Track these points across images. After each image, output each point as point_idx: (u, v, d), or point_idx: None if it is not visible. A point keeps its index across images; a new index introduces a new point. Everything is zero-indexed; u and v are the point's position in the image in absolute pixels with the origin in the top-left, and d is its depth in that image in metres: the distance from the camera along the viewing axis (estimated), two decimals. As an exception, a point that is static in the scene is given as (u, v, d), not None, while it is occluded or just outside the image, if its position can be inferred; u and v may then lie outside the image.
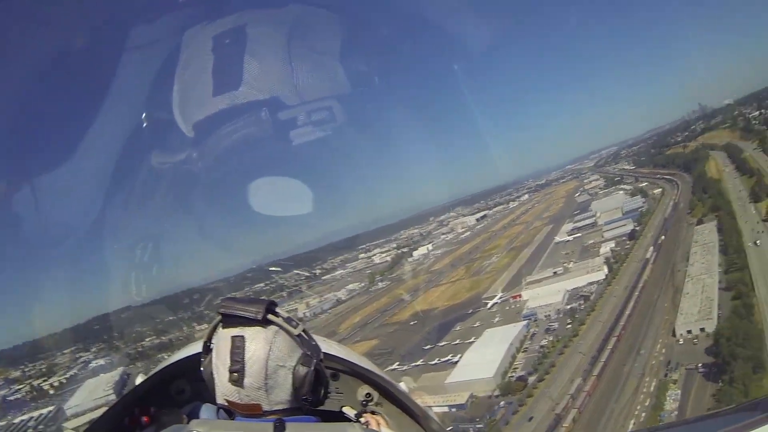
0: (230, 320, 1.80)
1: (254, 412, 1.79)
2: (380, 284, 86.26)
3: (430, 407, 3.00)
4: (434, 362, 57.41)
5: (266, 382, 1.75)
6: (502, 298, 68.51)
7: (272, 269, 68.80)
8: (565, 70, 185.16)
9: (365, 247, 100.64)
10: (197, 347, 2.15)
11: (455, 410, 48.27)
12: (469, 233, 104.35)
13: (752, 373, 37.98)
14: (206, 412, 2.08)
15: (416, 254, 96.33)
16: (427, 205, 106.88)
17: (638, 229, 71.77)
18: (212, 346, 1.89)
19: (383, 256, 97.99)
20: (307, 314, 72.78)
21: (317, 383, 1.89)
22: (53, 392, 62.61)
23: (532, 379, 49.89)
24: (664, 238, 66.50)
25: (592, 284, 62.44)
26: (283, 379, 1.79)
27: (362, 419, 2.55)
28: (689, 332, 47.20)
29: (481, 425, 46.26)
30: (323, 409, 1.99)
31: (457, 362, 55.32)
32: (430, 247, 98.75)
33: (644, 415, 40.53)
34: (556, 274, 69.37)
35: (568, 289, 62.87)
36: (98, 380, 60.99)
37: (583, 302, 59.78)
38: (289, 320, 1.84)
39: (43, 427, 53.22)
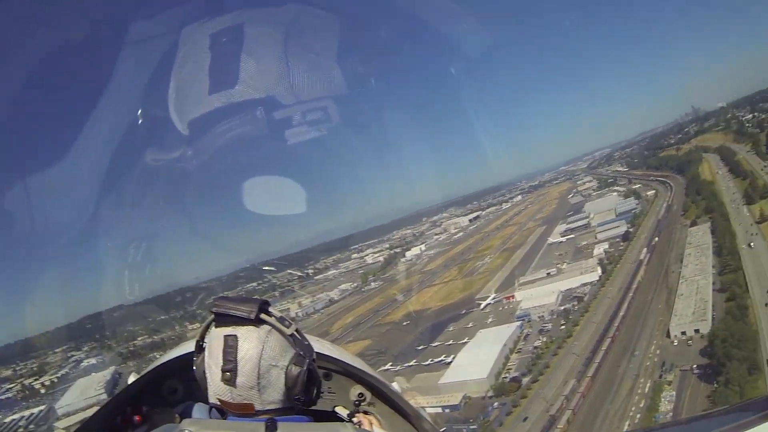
0: (223, 319, 1.77)
1: (247, 411, 1.76)
2: (373, 284, 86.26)
3: (423, 408, 3.03)
4: (427, 363, 57.18)
5: (259, 381, 1.73)
6: (495, 298, 68.45)
7: (266, 269, 68.91)
8: (558, 71, 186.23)
9: (358, 247, 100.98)
10: (190, 346, 2.15)
11: (449, 411, 48.12)
12: (461, 234, 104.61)
13: (747, 374, 38.14)
14: (198, 411, 2.13)
15: (409, 254, 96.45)
16: (420, 205, 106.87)
17: (632, 230, 72.10)
18: (205, 345, 1.85)
19: (376, 256, 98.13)
20: (299, 314, 72.58)
21: (310, 383, 1.86)
22: (44, 391, 62.44)
23: (525, 380, 49.81)
24: (657, 239, 66.74)
25: (585, 285, 62.51)
26: (275, 378, 1.77)
27: (355, 419, 2.57)
28: (683, 333, 47.29)
29: (474, 426, 46.13)
30: (316, 408, 1.98)
31: (450, 363, 55.15)
32: (423, 247, 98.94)
33: (639, 416, 40.51)
34: (549, 275, 69.36)
35: (561, 290, 62.89)
36: (90, 379, 60.96)
37: (576, 303, 59.82)
38: (281, 320, 1.81)
39: (33, 426, 53.04)
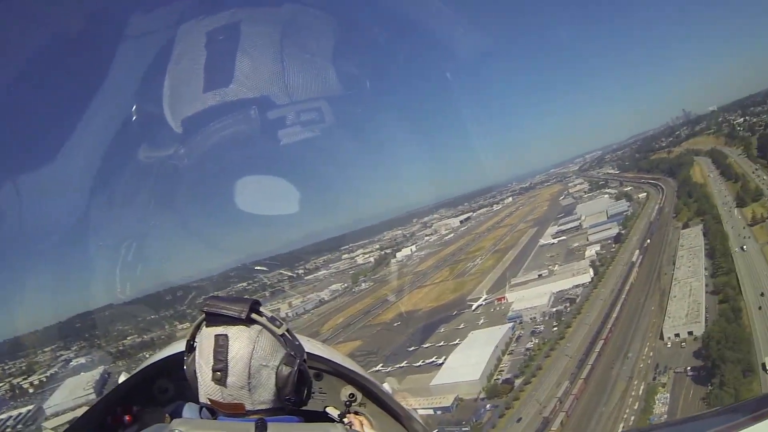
0: (214, 319, 1.75)
1: (237, 411, 1.75)
2: (363, 285, 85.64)
3: (415, 409, 3.04)
4: (418, 364, 56.62)
5: (249, 381, 1.72)
6: (486, 300, 68.06)
7: (257, 268, 68.14)
8: (549, 74, 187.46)
9: (348, 247, 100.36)
10: (180, 346, 2.11)
11: (440, 413, 47.58)
12: (452, 235, 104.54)
13: (742, 376, 38.12)
14: (189, 411, 2.10)
15: (399, 255, 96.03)
16: (410, 206, 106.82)
17: (623, 232, 72.24)
18: (196, 344, 1.82)
19: (366, 256, 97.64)
20: (289, 314, 71.79)
21: (300, 383, 1.83)
22: (33, 391, 62.09)
23: (518, 381, 49.40)
24: (649, 241, 66.86)
25: (577, 287, 62.36)
26: (266, 378, 1.75)
27: (345, 419, 2.48)
28: (677, 335, 47.20)
29: (467, 428, 45.63)
30: (307, 409, 1.94)
31: (441, 364, 54.64)
32: (413, 248, 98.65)
33: (633, 418, 40.23)
34: (541, 276, 69.20)
35: (553, 291, 62.74)
36: (79, 379, 60.31)
37: (569, 305, 59.66)
38: (272, 320, 1.79)
39: (22, 426, 52.51)
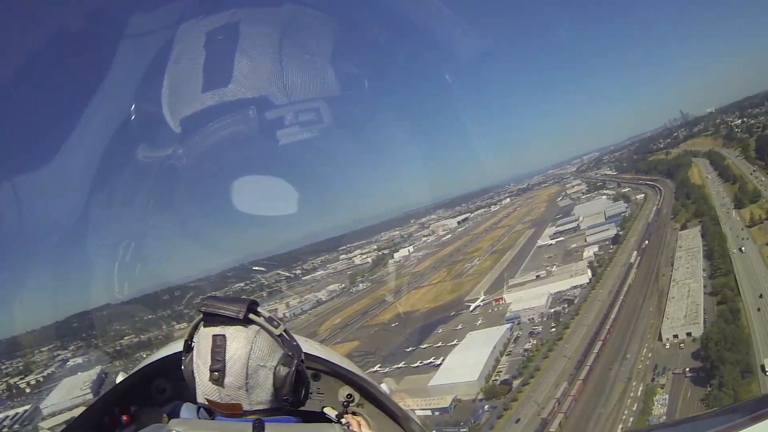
0: (212, 319, 1.74)
1: (234, 411, 1.74)
2: (361, 285, 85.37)
3: (412, 410, 3.01)
4: (416, 365, 56.39)
5: (247, 381, 1.71)
6: (484, 300, 67.93)
7: (256, 269, 67.98)
8: (547, 75, 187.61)
9: (346, 248, 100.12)
10: (178, 346, 2.12)
11: (438, 413, 47.34)
12: (450, 236, 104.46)
13: (741, 377, 37.97)
14: (187, 411, 2.06)
15: (397, 256, 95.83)
16: (407, 207, 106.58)
17: (621, 233, 72.18)
18: (194, 344, 1.81)
19: (364, 257, 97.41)
20: (287, 314, 71.61)
21: (298, 384, 1.82)
22: (30, 391, 61.92)
23: (516, 382, 49.21)
24: (647, 242, 66.80)
25: (575, 288, 62.28)
26: (263, 379, 1.74)
27: (343, 420, 2.45)
28: (676, 337, 47.11)
29: (465, 429, 45.31)
30: (304, 409, 1.94)
31: (439, 365, 54.45)
32: (411, 249, 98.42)
33: (632, 419, 40.08)
34: (539, 277, 69.11)
35: (551, 292, 62.58)
36: (76, 379, 60.06)
37: (567, 306, 59.53)
38: (270, 320, 1.78)
39: (18, 426, 52.29)
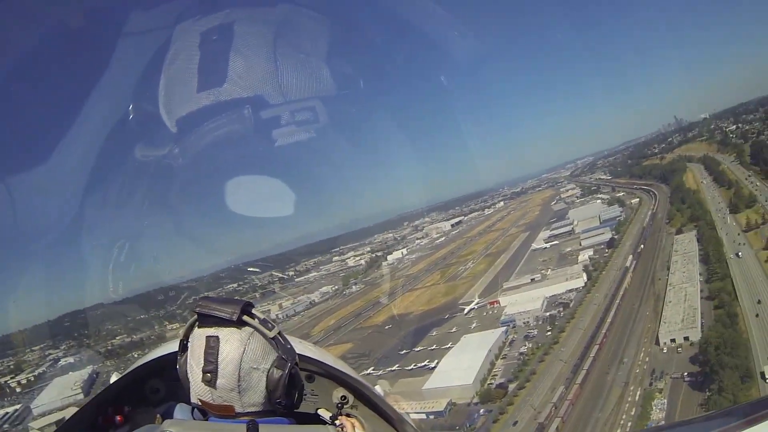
0: (206, 320, 1.75)
1: (227, 413, 1.75)
2: (354, 287, 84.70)
3: (407, 413, 3.15)
4: (410, 367, 55.80)
5: (239, 383, 1.71)
6: (479, 303, 67.52)
7: (250, 269, 67.29)
8: (541, 79, 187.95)
9: (339, 250, 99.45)
10: (172, 346, 2.12)
11: (433, 417, 46.72)
12: (444, 239, 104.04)
13: (740, 382, 37.75)
14: (181, 412, 2.08)
15: (391, 258, 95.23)
16: (401, 209, 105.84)
17: (616, 237, 72.08)
18: (188, 345, 1.82)
19: (357, 259, 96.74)
20: (279, 316, 70.84)
21: (291, 387, 1.82)
22: (20, 390, 61.19)
23: (512, 386, 48.69)
24: (643, 246, 66.66)
25: (571, 291, 62.00)
26: (256, 381, 1.74)
27: (337, 422, 2.41)
28: (673, 341, 46.90)
29: (460, 433, 44.69)
30: (298, 410, 1.94)
31: (434, 368, 53.93)
32: (404, 251, 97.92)
33: (630, 424, 39.75)
34: (533, 280, 68.87)
35: (546, 295, 62.23)
36: (67, 378, 59.43)
37: (562, 309, 59.21)
38: (264, 322, 1.79)
39: (8, 426, 51.77)
